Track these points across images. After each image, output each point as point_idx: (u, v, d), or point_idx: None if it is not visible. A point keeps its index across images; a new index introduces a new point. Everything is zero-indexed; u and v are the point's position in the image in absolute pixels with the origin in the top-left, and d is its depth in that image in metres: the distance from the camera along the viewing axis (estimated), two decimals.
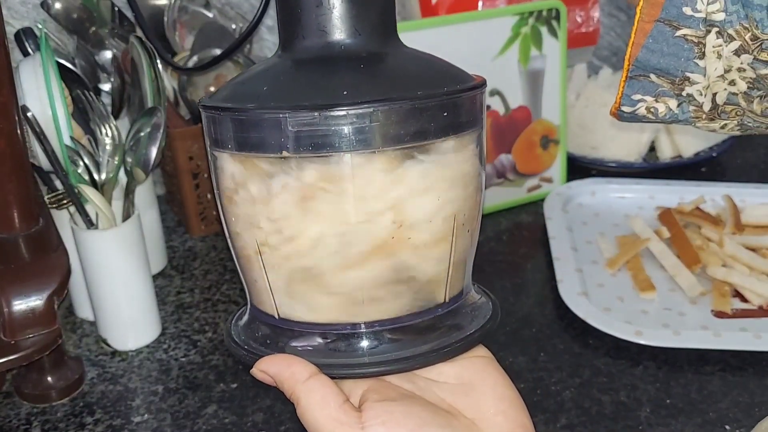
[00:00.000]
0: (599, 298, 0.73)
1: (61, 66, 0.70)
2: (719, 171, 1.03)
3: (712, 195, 0.90)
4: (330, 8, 0.38)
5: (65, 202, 0.69)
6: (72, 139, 0.66)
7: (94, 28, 0.82)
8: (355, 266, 0.37)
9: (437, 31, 0.84)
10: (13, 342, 0.59)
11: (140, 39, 0.70)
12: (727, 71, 0.36)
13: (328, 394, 0.36)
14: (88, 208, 0.67)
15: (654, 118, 0.40)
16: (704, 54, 0.36)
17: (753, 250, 0.78)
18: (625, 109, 0.40)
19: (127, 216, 0.69)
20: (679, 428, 0.59)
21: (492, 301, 0.44)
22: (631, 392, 0.62)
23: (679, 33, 0.36)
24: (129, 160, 0.69)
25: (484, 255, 0.84)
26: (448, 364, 0.40)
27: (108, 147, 0.67)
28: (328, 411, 0.36)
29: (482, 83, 0.40)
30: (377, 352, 0.38)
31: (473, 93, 0.39)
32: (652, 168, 1.01)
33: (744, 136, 1.06)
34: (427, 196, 0.37)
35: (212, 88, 0.90)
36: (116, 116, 0.77)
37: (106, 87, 0.80)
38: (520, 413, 0.39)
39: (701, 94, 0.38)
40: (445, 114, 0.37)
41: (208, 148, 0.41)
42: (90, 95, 0.68)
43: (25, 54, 0.75)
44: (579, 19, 1.05)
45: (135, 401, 0.64)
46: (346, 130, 0.35)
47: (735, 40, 0.35)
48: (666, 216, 0.84)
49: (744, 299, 0.73)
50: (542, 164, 0.95)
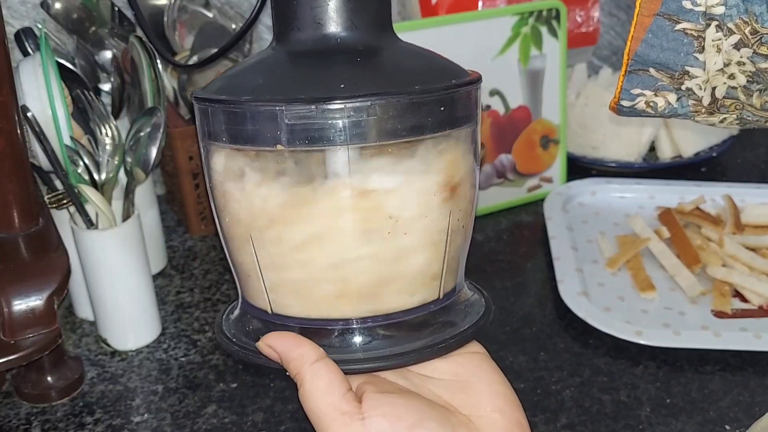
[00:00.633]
0: (599, 297, 0.73)
1: (61, 66, 0.70)
2: (719, 171, 1.03)
3: (712, 195, 0.90)
4: (326, 0, 0.38)
5: (65, 202, 0.69)
6: (72, 139, 0.66)
7: (94, 28, 0.82)
8: (350, 262, 0.37)
9: (437, 31, 0.84)
10: (12, 342, 0.59)
11: (140, 39, 0.70)
12: (726, 65, 0.36)
13: (333, 381, 0.36)
14: (88, 208, 0.67)
15: (653, 112, 0.40)
16: (704, 48, 0.36)
17: (753, 250, 0.78)
18: (624, 104, 0.40)
19: (127, 216, 0.69)
20: (680, 428, 0.59)
21: (485, 298, 0.43)
22: (632, 392, 0.62)
23: (678, 27, 0.36)
24: (129, 160, 0.68)
25: (484, 255, 0.84)
26: (443, 361, 0.40)
27: (108, 147, 0.67)
28: (331, 399, 0.36)
29: (478, 78, 0.40)
30: (371, 348, 0.38)
31: (470, 88, 0.39)
32: (652, 168, 1.01)
33: (744, 135, 1.06)
34: (424, 192, 0.37)
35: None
36: (116, 116, 0.77)
37: (106, 87, 0.80)
38: (516, 410, 0.39)
39: (701, 88, 0.38)
40: (442, 109, 0.37)
41: (200, 140, 0.40)
42: (90, 95, 0.68)
43: (25, 54, 0.75)
44: (579, 19, 1.05)
45: (135, 401, 0.64)
46: (343, 124, 0.35)
47: (734, 33, 0.35)
48: (666, 216, 0.84)
49: (744, 299, 0.73)
50: (542, 164, 0.95)
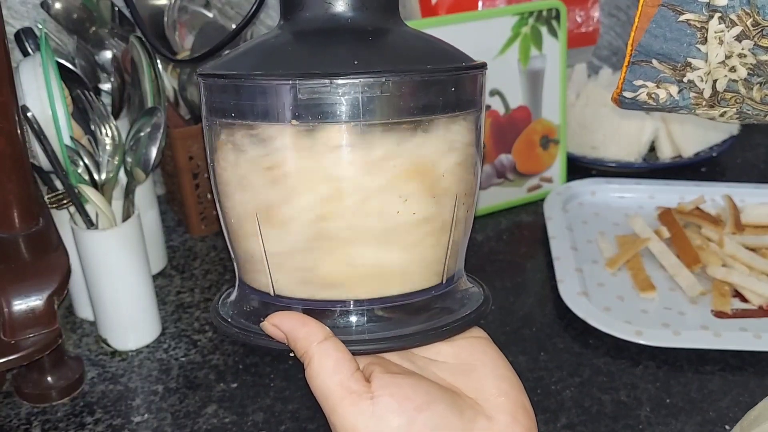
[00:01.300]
0: (599, 297, 0.73)
1: (61, 66, 0.70)
2: (719, 171, 1.03)
3: (712, 195, 0.90)
4: None
5: (65, 202, 0.69)
6: (72, 139, 0.66)
7: (94, 28, 0.82)
8: (357, 242, 0.37)
9: (437, 31, 0.84)
10: (13, 342, 0.59)
11: (140, 39, 0.70)
12: (728, 57, 0.36)
13: (342, 360, 0.36)
14: (88, 208, 0.67)
15: (655, 104, 0.40)
16: (706, 39, 0.36)
17: (753, 250, 0.78)
18: (627, 95, 0.40)
19: (127, 216, 0.69)
20: (679, 427, 0.59)
21: (483, 288, 0.43)
22: (632, 392, 0.63)
23: (682, 18, 0.37)
24: (129, 160, 0.69)
25: (484, 255, 0.84)
26: (447, 344, 0.40)
27: (108, 147, 0.67)
28: (339, 377, 0.35)
29: (485, 64, 0.40)
30: (375, 330, 0.38)
31: (478, 71, 0.39)
32: (652, 168, 1.01)
33: (744, 135, 1.06)
34: (433, 173, 0.37)
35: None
36: (116, 116, 0.77)
37: (106, 87, 0.80)
38: (520, 394, 0.38)
39: (702, 80, 0.38)
40: (453, 89, 0.37)
41: (205, 117, 0.40)
42: (90, 95, 0.68)
43: (25, 54, 0.75)
44: (579, 19, 1.05)
45: (135, 401, 0.64)
46: (357, 100, 0.35)
47: (737, 25, 0.35)
48: (666, 216, 0.84)
49: (744, 299, 0.73)
50: (542, 164, 0.95)
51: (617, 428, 0.59)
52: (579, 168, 1.01)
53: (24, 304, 0.60)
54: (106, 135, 0.68)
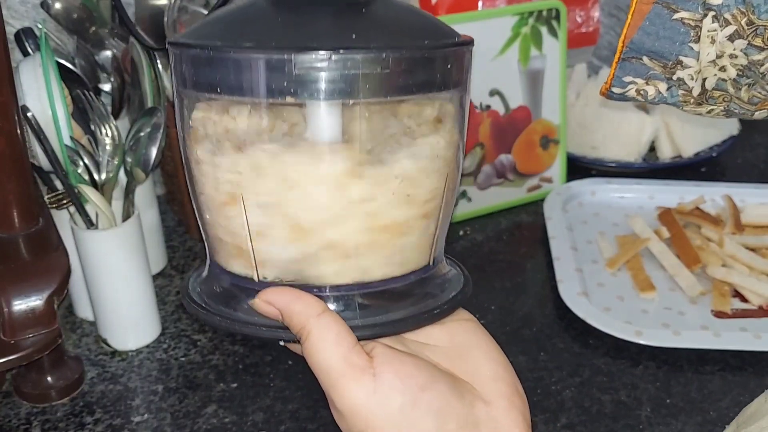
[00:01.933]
0: (599, 297, 0.73)
1: (61, 66, 0.70)
2: (719, 171, 1.03)
3: (712, 195, 0.90)
4: None
5: (65, 202, 0.69)
6: (72, 139, 0.66)
7: (94, 28, 0.82)
8: (352, 224, 0.35)
9: None
10: (12, 342, 0.59)
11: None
12: (719, 57, 0.36)
13: (342, 333, 0.35)
14: (88, 208, 0.67)
15: (643, 100, 0.40)
16: (699, 38, 0.36)
17: (753, 250, 0.78)
18: (616, 90, 0.40)
19: (127, 216, 0.69)
20: (679, 428, 0.59)
21: (461, 268, 0.43)
22: (632, 392, 0.62)
23: (676, 16, 0.37)
24: (129, 160, 0.69)
25: (484, 255, 0.84)
26: (437, 328, 0.39)
27: (108, 147, 0.67)
28: (340, 351, 0.34)
29: (473, 39, 0.39)
30: (367, 315, 0.37)
31: (469, 48, 0.38)
32: (652, 168, 1.01)
33: (744, 136, 1.06)
34: (428, 152, 0.36)
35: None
36: (116, 116, 0.77)
37: (106, 87, 0.80)
38: (514, 378, 0.38)
39: (692, 79, 0.38)
40: (449, 67, 0.36)
41: (177, 92, 0.36)
42: (90, 95, 0.68)
43: (25, 54, 0.75)
44: (579, 19, 1.05)
45: (135, 401, 0.64)
46: (355, 76, 0.33)
47: (730, 24, 0.35)
48: (666, 216, 0.84)
49: (744, 299, 0.73)
50: (542, 164, 0.95)
51: (617, 428, 0.59)
52: (579, 168, 1.01)
53: (24, 304, 0.60)
54: (106, 135, 0.68)
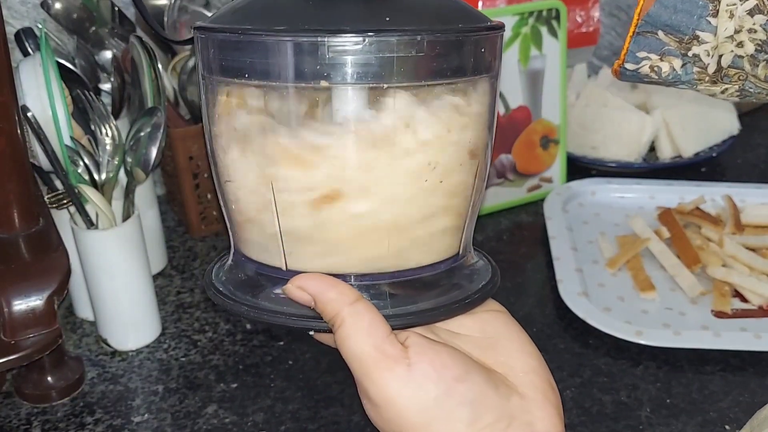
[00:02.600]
0: (599, 298, 0.73)
1: (61, 66, 0.70)
2: (719, 171, 1.03)
3: (712, 195, 0.90)
4: None
5: (65, 202, 0.69)
6: (72, 139, 0.66)
7: (94, 28, 0.82)
8: (385, 212, 0.35)
9: None
10: (13, 342, 0.59)
11: (140, 39, 0.70)
12: (737, 32, 0.36)
13: (375, 321, 0.34)
14: (88, 208, 0.67)
15: (656, 77, 0.39)
16: (718, 12, 0.36)
17: (753, 250, 0.78)
18: (629, 66, 0.39)
19: (127, 216, 0.69)
20: (680, 428, 0.59)
21: (488, 259, 0.42)
22: (632, 392, 0.62)
23: None
24: (129, 160, 0.68)
25: (485, 254, 0.84)
26: (469, 318, 0.38)
27: (108, 147, 0.67)
28: (374, 340, 0.33)
29: (503, 24, 0.38)
30: (398, 304, 0.36)
31: (500, 32, 0.37)
32: (652, 168, 1.01)
33: (744, 135, 1.06)
34: (460, 140, 0.36)
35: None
36: (116, 116, 0.77)
37: (106, 87, 0.80)
38: (547, 371, 0.38)
39: (708, 55, 0.37)
40: (483, 50, 0.35)
41: (206, 76, 0.36)
42: (90, 95, 0.68)
43: (25, 54, 0.75)
44: (579, 19, 1.05)
45: (135, 401, 0.64)
46: (390, 60, 0.32)
47: None
48: (666, 216, 0.84)
49: (744, 299, 0.73)
50: (542, 164, 0.95)
51: (618, 429, 0.59)
52: (579, 168, 1.01)
53: (24, 304, 0.60)
54: (106, 135, 0.67)
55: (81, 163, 0.66)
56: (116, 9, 0.83)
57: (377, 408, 0.34)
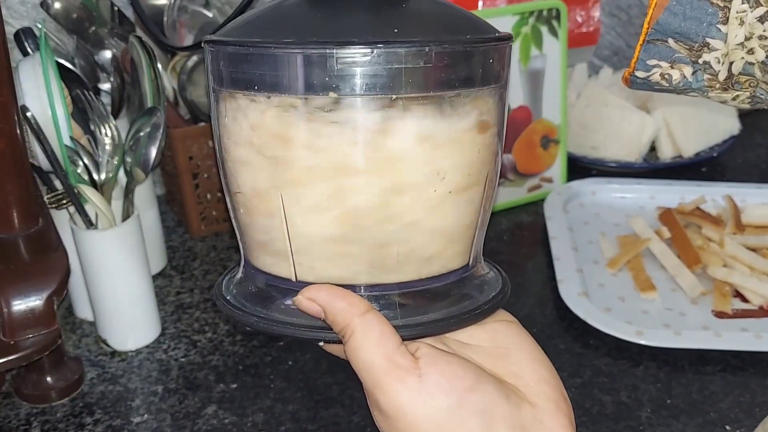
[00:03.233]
0: (600, 298, 0.73)
1: (60, 66, 0.70)
2: (720, 171, 1.03)
3: (713, 195, 0.90)
4: None
5: (65, 202, 0.69)
6: (71, 139, 0.66)
7: (93, 28, 0.82)
8: (393, 222, 0.35)
9: None
10: (12, 342, 0.59)
11: (140, 39, 0.70)
12: (747, 39, 0.35)
13: (386, 332, 0.34)
14: (88, 208, 0.67)
15: (667, 85, 0.39)
16: (728, 19, 0.36)
17: (754, 250, 0.78)
18: (639, 74, 0.39)
19: (126, 216, 0.69)
20: (680, 428, 0.59)
21: (498, 270, 0.42)
22: (632, 392, 0.62)
23: None
24: (129, 160, 0.68)
25: (485, 255, 0.84)
26: (479, 328, 0.38)
27: (108, 147, 0.67)
28: (384, 351, 0.33)
29: (511, 35, 0.38)
30: (407, 315, 0.36)
31: (508, 42, 0.37)
32: (652, 168, 1.01)
33: (744, 135, 1.06)
34: (470, 150, 0.36)
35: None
36: (116, 116, 0.77)
37: (106, 87, 0.80)
38: (559, 381, 0.37)
39: (719, 62, 0.37)
40: (491, 61, 0.35)
41: (215, 88, 0.36)
42: (90, 95, 0.68)
43: (25, 54, 0.75)
44: (579, 19, 1.05)
45: (135, 401, 0.64)
46: (399, 71, 0.32)
47: (762, 5, 0.34)
48: (666, 216, 0.84)
49: (745, 299, 0.73)
50: (542, 164, 0.95)
51: (618, 429, 0.59)
52: (579, 168, 1.01)
53: (24, 304, 0.60)
54: (106, 135, 0.67)
55: (80, 163, 0.66)
56: (116, 9, 0.83)
57: (388, 419, 0.34)
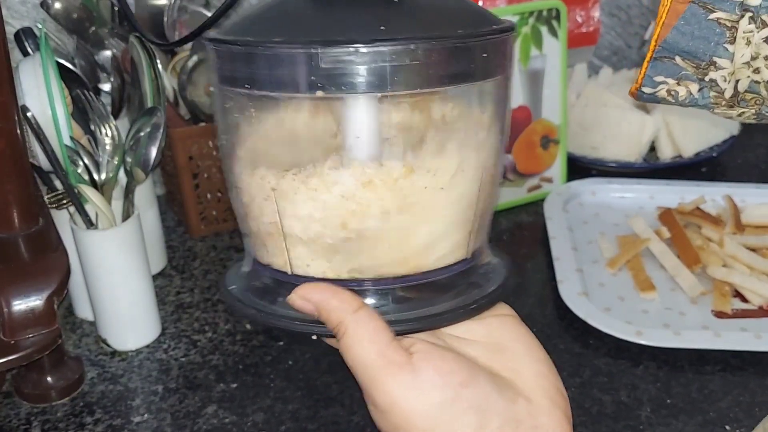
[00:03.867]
0: (600, 298, 0.73)
1: (60, 66, 0.70)
2: (719, 171, 1.03)
3: (713, 195, 0.90)
4: None
5: (65, 202, 0.69)
6: (72, 139, 0.66)
7: (93, 28, 0.82)
8: (384, 218, 0.35)
9: None
10: (12, 342, 0.59)
11: (140, 38, 0.70)
12: (753, 58, 0.36)
13: (379, 329, 0.34)
14: (88, 208, 0.67)
15: (673, 101, 0.39)
16: (735, 39, 0.36)
17: (753, 250, 0.78)
18: (646, 90, 0.39)
19: (126, 216, 0.69)
20: (680, 428, 0.59)
21: (504, 259, 0.42)
22: (632, 392, 0.62)
23: (712, 16, 0.36)
24: (129, 160, 0.68)
25: None
26: (477, 322, 0.38)
27: (108, 147, 0.67)
28: (377, 347, 0.34)
29: (513, 25, 0.38)
30: (402, 310, 0.36)
31: (508, 34, 0.37)
32: (652, 168, 1.01)
33: (744, 136, 1.06)
34: (461, 145, 0.36)
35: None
36: (116, 116, 0.77)
37: (106, 87, 0.80)
38: (556, 376, 0.37)
39: (725, 80, 0.37)
40: (484, 55, 0.35)
41: (216, 85, 0.37)
42: (90, 95, 0.68)
43: (25, 54, 0.75)
44: (579, 19, 1.05)
45: (135, 401, 0.64)
46: (384, 69, 0.32)
47: (767, 26, 0.35)
48: (666, 216, 0.84)
49: (744, 299, 0.73)
50: (542, 164, 0.95)
51: (618, 429, 0.59)
52: (579, 168, 1.01)
53: (24, 304, 0.60)
54: (106, 135, 0.67)
55: (81, 163, 0.66)
56: (116, 9, 0.83)
57: (383, 414, 0.34)
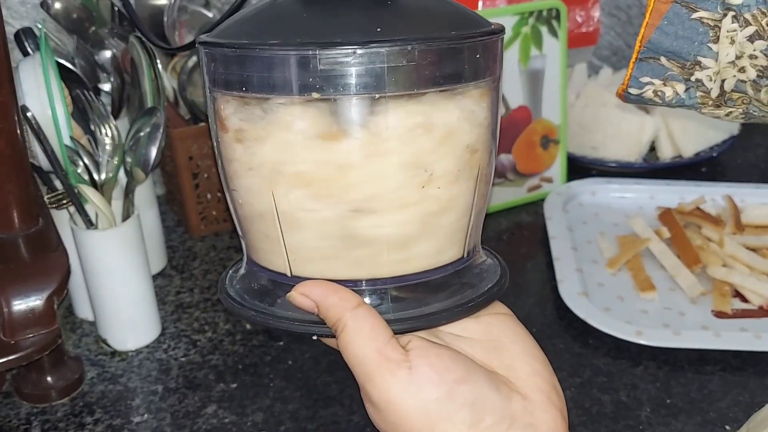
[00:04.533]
0: (599, 297, 0.73)
1: (60, 66, 0.70)
2: (719, 171, 1.02)
3: (713, 195, 0.90)
4: None
5: (65, 202, 0.69)
6: (72, 139, 0.66)
7: (93, 28, 0.82)
8: (381, 217, 0.35)
9: None
10: (12, 342, 0.59)
11: (140, 39, 0.70)
12: (738, 57, 0.36)
13: (377, 326, 0.35)
14: (88, 208, 0.67)
15: (660, 101, 0.39)
16: (718, 38, 0.36)
17: (753, 250, 0.78)
18: (632, 91, 0.40)
19: (126, 216, 0.69)
20: (680, 428, 0.59)
21: (498, 259, 0.43)
22: (632, 392, 0.62)
23: (695, 15, 0.36)
24: (129, 160, 0.68)
25: None
26: (473, 321, 0.38)
27: (108, 147, 0.67)
28: (375, 344, 0.34)
29: (503, 27, 0.38)
30: (399, 309, 0.37)
31: (499, 36, 0.37)
32: (652, 168, 1.01)
33: (744, 136, 1.06)
34: (457, 144, 0.36)
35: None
36: (116, 116, 0.77)
37: (106, 87, 0.80)
38: (552, 374, 0.38)
39: (710, 80, 0.37)
40: (478, 56, 0.36)
41: (209, 88, 0.37)
42: (90, 95, 0.68)
43: (25, 54, 0.75)
44: (579, 19, 1.05)
45: (135, 401, 0.64)
46: (381, 70, 0.33)
47: (750, 25, 0.35)
48: (666, 216, 0.84)
49: (744, 299, 0.73)
50: (542, 164, 0.95)
51: (617, 428, 0.59)
52: (579, 168, 1.01)
53: (24, 304, 0.60)
54: (106, 135, 0.67)
55: (81, 163, 0.66)
56: (116, 9, 0.83)
57: (380, 411, 0.35)
